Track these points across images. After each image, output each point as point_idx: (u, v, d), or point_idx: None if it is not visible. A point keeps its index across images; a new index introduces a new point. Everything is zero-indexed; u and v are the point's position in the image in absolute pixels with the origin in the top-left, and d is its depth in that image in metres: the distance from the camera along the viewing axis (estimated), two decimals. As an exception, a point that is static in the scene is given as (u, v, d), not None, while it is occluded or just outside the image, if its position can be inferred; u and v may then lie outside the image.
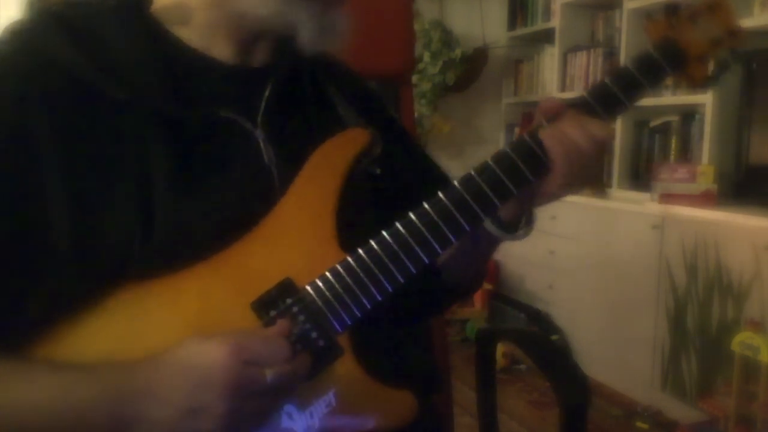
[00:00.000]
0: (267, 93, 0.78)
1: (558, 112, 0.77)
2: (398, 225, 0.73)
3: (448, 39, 3.65)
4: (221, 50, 0.77)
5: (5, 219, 0.65)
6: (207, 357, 0.63)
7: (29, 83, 0.68)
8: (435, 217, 0.73)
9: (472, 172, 0.75)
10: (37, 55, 0.69)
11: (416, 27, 3.36)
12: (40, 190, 0.65)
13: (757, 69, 2.53)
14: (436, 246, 0.74)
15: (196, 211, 0.70)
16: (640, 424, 2.56)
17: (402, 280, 0.73)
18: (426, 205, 0.74)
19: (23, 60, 0.69)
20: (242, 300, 0.70)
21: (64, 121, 0.67)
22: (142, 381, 0.64)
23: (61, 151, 0.66)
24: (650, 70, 0.78)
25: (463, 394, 0.91)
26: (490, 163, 0.75)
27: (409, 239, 0.73)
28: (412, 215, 0.73)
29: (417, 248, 0.73)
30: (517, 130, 4.08)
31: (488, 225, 0.81)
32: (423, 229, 0.73)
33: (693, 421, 2.39)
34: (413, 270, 0.73)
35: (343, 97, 0.86)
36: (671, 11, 0.82)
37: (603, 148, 0.76)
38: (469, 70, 3.78)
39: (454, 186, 0.74)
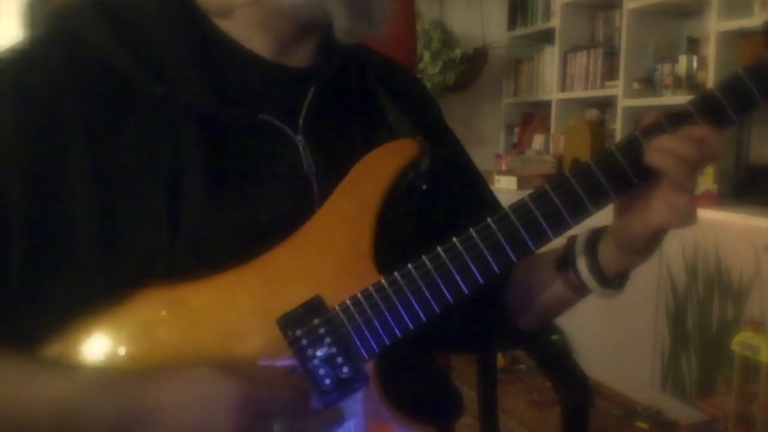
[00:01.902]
0: (309, 96, 0.75)
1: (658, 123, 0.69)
2: (440, 250, 0.68)
3: (448, 39, 3.65)
4: (262, 48, 0.74)
5: (29, 212, 0.64)
6: (217, 398, 0.62)
7: (63, 71, 0.67)
8: (480, 245, 0.68)
9: (527, 198, 0.69)
10: (74, 42, 0.68)
11: (416, 27, 3.35)
12: (67, 183, 0.64)
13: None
14: (479, 276, 0.68)
15: (226, 216, 0.67)
16: (640, 424, 2.55)
17: (438, 310, 0.68)
18: (472, 231, 0.68)
19: (59, 47, 0.68)
20: (269, 314, 0.67)
21: (97, 113, 0.66)
22: (149, 402, 0.62)
23: (92, 144, 0.65)
24: (738, 96, 0.68)
25: (463, 394, 0.91)
26: (548, 189, 0.69)
27: (450, 266, 0.68)
28: (455, 240, 0.68)
29: (457, 277, 0.68)
30: (516, 130, 4.08)
31: (585, 275, 0.76)
32: (466, 256, 0.68)
33: (693, 421, 2.38)
34: (451, 300, 0.68)
35: (395, 104, 0.81)
36: None
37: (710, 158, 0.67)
38: (469, 70, 3.78)
39: (506, 213, 0.69)
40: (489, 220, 0.69)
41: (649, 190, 0.69)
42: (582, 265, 0.76)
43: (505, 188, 3.44)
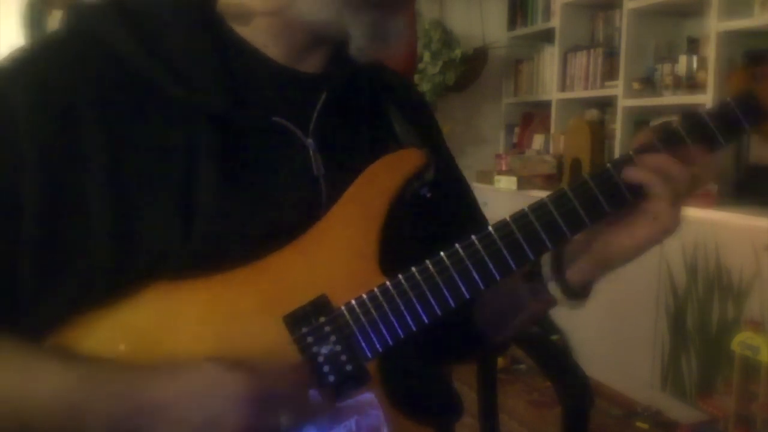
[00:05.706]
0: (320, 102, 0.76)
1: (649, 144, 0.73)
2: (443, 254, 0.70)
3: (448, 39, 3.66)
4: (276, 54, 0.75)
5: (44, 202, 0.65)
6: (224, 393, 0.62)
7: (81, 67, 0.68)
8: (482, 252, 0.70)
9: (527, 209, 0.72)
10: (93, 42, 0.69)
11: (416, 27, 3.36)
12: (82, 176, 0.65)
13: (757, 69, 2.53)
14: (479, 281, 0.71)
15: (238, 215, 0.69)
16: (640, 424, 2.56)
17: (440, 313, 0.70)
18: (474, 238, 0.71)
19: (78, 45, 0.69)
20: (275, 312, 0.68)
21: (114, 110, 0.67)
22: (156, 398, 0.63)
23: (108, 139, 0.66)
24: (726, 122, 0.74)
25: (463, 394, 0.91)
26: (546, 201, 0.72)
27: (452, 271, 0.70)
28: (458, 246, 0.71)
29: (459, 281, 0.70)
30: (516, 130, 4.08)
31: (552, 287, 0.79)
32: (468, 261, 0.70)
33: (693, 421, 2.39)
34: (452, 303, 0.70)
35: (401, 115, 0.84)
36: (755, 61, 0.77)
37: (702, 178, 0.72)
38: (469, 70, 3.79)
39: (506, 221, 0.71)
40: (490, 227, 0.71)
41: (638, 206, 0.73)
42: (549, 279, 0.79)
43: (505, 188, 3.44)
